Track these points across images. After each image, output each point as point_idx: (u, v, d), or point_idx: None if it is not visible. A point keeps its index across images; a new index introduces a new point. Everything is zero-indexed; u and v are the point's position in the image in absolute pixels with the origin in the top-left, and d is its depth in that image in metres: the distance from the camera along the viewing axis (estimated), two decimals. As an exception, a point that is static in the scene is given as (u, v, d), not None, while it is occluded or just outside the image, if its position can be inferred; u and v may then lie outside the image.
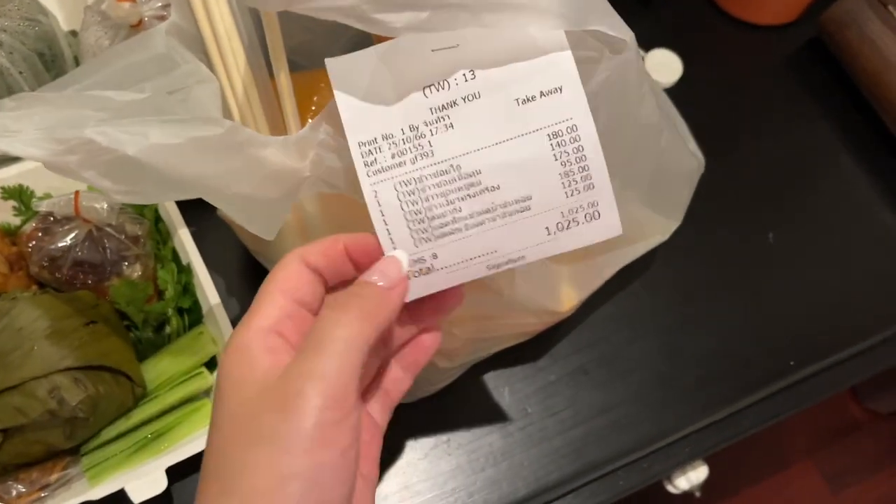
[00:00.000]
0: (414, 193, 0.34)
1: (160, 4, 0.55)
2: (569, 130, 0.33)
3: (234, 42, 0.52)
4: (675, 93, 0.74)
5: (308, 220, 0.50)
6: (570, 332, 0.64)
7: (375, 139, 0.33)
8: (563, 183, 0.34)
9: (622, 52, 0.34)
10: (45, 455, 0.51)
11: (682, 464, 0.62)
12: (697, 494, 0.71)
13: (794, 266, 0.69)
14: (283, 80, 0.48)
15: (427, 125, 0.33)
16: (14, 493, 0.49)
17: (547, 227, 0.34)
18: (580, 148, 0.33)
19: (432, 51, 0.32)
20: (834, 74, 0.78)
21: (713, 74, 0.77)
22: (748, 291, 0.67)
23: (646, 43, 0.76)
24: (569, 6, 0.32)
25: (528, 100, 0.33)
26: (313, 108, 0.57)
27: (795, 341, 0.65)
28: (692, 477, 0.69)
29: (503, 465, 0.59)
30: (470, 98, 0.33)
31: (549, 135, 0.33)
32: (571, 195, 0.34)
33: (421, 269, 0.35)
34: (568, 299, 0.54)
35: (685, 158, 0.52)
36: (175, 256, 0.58)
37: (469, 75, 0.33)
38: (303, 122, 0.52)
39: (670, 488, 0.71)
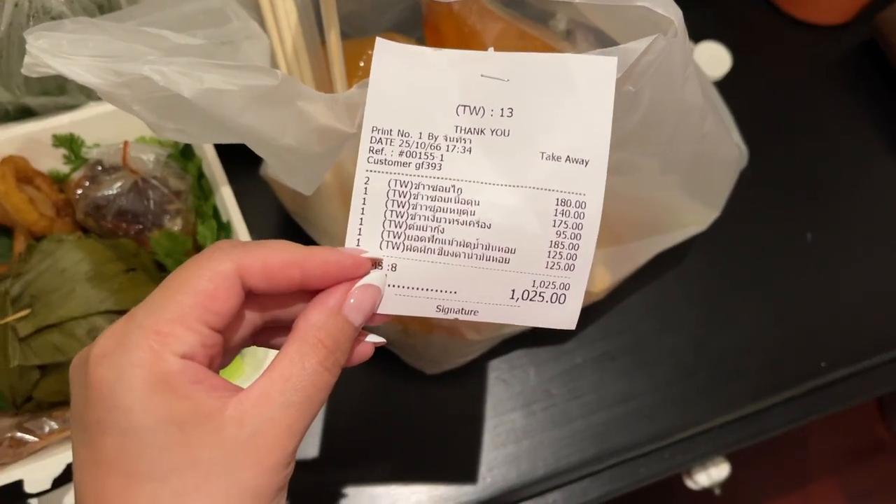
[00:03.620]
0: (405, 196, 0.33)
1: (218, -37, 0.56)
2: (577, 205, 0.32)
3: (288, 2, 0.53)
4: (723, 86, 0.73)
5: (347, 182, 0.51)
6: (599, 317, 0.64)
7: (391, 131, 0.33)
8: (549, 252, 0.33)
9: (668, 31, 0.34)
10: (79, 395, 0.52)
11: (704, 457, 0.62)
12: (717, 492, 0.71)
13: (831, 267, 0.68)
14: (334, 39, 0.48)
15: (447, 140, 0.33)
16: (47, 429, 0.51)
17: (513, 290, 0.33)
18: (579, 226, 0.32)
19: (482, 75, 0.32)
20: (886, 78, 0.77)
21: (762, 70, 0.76)
22: (782, 289, 0.67)
23: (695, 35, 0.76)
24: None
25: (553, 158, 0.32)
26: (359, 73, 0.57)
27: (828, 343, 0.65)
28: (713, 473, 0.69)
29: (524, 443, 0.59)
30: (499, 133, 0.32)
31: (557, 199, 0.32)
32: (551, 267, 0.33)
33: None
34: (601, 280, 0.54)
35: (728, 147, 0.51)
36: (216, 213, 0.59)
37: (507, 112, 0.32)
38: (349, 87, 0.53)
39: (690, 484, 0.71)
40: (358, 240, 0.33)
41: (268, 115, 0.36)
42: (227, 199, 0.58)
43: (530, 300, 0.33)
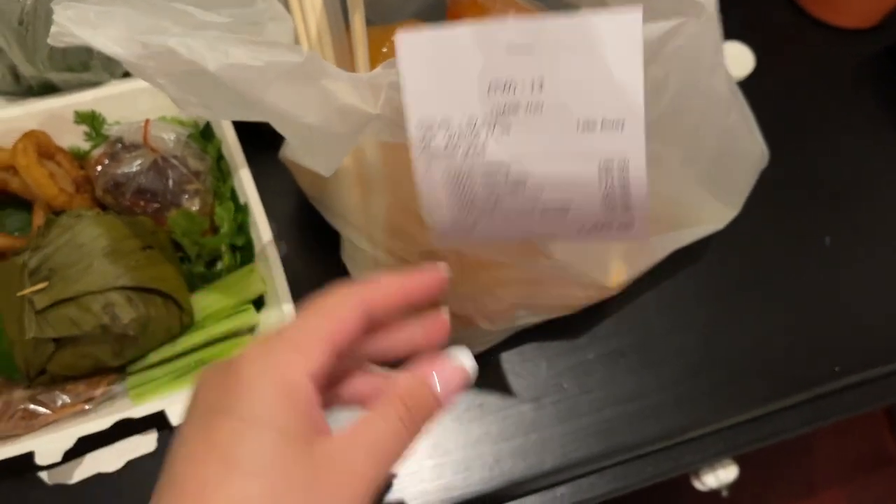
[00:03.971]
0: (460, 181, 0.35)
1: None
2: (619, 165, 0.33)
3: (314, -12, 0.53)
4: (745, 87, 0.72)
5: (367, 168, 0.51)
6: (612, 313, 0.64)
7: (433, 124, 0.34)
8: (603, 202, 0.34)
9: (700, 17, 0.33)
10: (92, 370, 0.52)
11: (713, 458, 0.62)
12: (725, 494, 0.71)
13: (849, 273, 0.67)
14: (358, 22, 0.48)
15: (486, 125, 0.33)
16: (59, 402, 0.51)
17: (582, 225, 0.36)
18: (626, 181, 0.33)
19: (507, 50, 0.32)
20: (911, 84, 0.76)
21: (785, 72, 0.76)
22: (797, 293, 0.66)
23: (719, 34, 0.75)
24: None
25: (589, 126, 0.33)
26: (381, 59, 0.57)
27: (842, 348, 0.64)
28: (721, 475, 0.68)
29: (532, 436, 0.59)
30: (533, 107, 0.33)
31: (599, 163, 0.33)
32: (609, 210, 0.34)
33: (463, 228, 0.37)
34: (617, 274, 0.53)
35: (750, 143, 0.51)
36: (233, 195, 0.59)
37: (537, 84, 0.32)
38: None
39: (697, 485, 0.70)
40: (430, 216, 0.36)
41: (291, 93, 0.36)
42: (245, 182, 0.58)
43: (598, 230, 0.36)
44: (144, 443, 0.54)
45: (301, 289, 0.57)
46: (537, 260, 0.49)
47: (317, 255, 0.62)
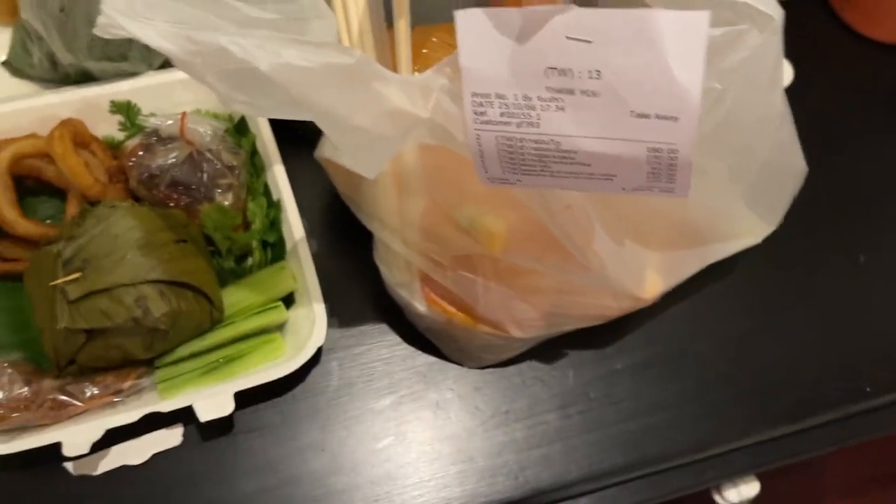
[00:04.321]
0: (512, 149, 0.36)
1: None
2: (669, 151, 0.34)
3: (358, -13, 0.52)
4: (783, 99, 0.72)
5: (405, 170, 0.50)
6: (641, 324, 0.63)
7: (489, 94, 0.35)
8: (647, 176, 0.36)
9: (765, 28, 0.33)
10: (120, 362, 0.52)
11: (738, 474, 0.61)
12: (745, 509, 0.70)
13: (883, 291, 0.66)
14: (402, 25, 0.48)
15: (540, 101, 0.34)
16: (88, 393, 0.51)
17: (624, 187, 0.37)
18: (673, 165, 0.35)
19: (567, 37, 0.32)
20: (952, 102, 0.75)
21: (823, 86, 0.75)
22: (830, 309, 0.65)
23: (758, 45, 0.74)
24: (722, -26, 0.31)
25: (643, 115, 0.33)
26: (421, 60, 0.57)
27: (874, 368, 0.63)
28: (743, 491, 0.67)
29: (558, 445, 0.58)
30: (588, 93, 0.33)
31: (648, 148, 0.34)
32: (653, 180, 0.36)
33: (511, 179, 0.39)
34: (652, 286, 0.53)
35: (795, 159, 0.50)
36: (266, 191, 0.59)
37: (594, 74, 0.33)
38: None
39: (718, 499, 0.70)
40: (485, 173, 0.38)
41: (341, 94, 0.36)
42: (278, 178, 0.58)
43: (639, 192, 0.37)
44: (170, 436, 0.54)
45: (331, 287, 0.57)
46: (573, 269, 0.48)
47: (347, 254, 0.61)
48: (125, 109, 0.59)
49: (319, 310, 0.54)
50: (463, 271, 0.50)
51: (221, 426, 0.54)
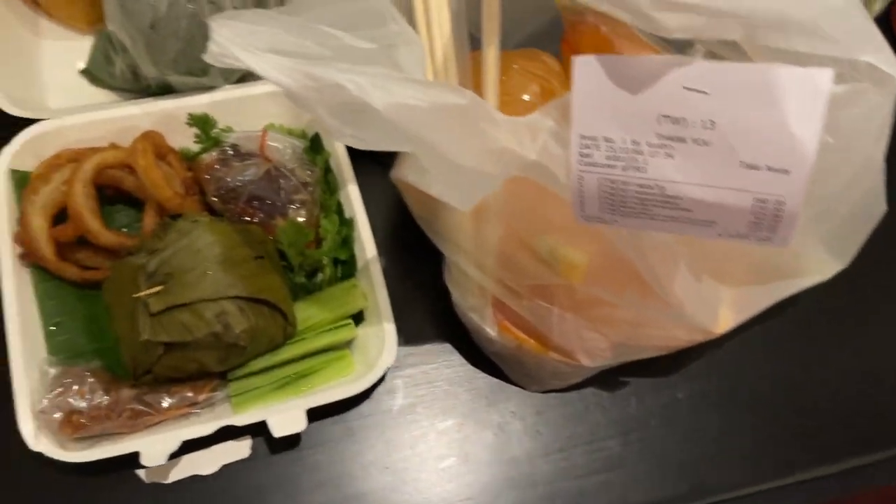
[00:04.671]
0: (615, 191, 0.37)
1: (374, -37, 0.56)
2: (776, 203, 0.34)
3: (443, 11, 0.52)
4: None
5: (484, 198, 0.50)
6: (702, 354, 0.63)
7: (596, 138, 0.35)
8: (749, 225, 0.36)
9: (884, 88, 0.33)
10: (195, 373, 0.53)
11: (794, 509, 0.61)
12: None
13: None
14: (492, 55, 0.48)
15: (649, 146, 0.35)
16: (165, 404, 0.52)
17: (721, 234, 0.37)
18: (778, 216, 0.35)
19: (684, 87, 0.33)
20: None
21: None
22: (890, 346, 0.65)
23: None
24: (844, 33, 0.31)
25: (752, 167, 0.33)
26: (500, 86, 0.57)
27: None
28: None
29: (618, 471, 0.59)
30: (700, 142, 0.34)
31: (755, 198, 0.34)
32: (754, 230, 0.36)
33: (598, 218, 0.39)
34: (725, 321, 0.53)
35: (879, 201, 0.50)
36: (339, 208, 0.60)
37: (708, 124, 0.33)
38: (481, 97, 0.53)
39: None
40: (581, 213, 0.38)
41: (450, 132, 0.36)
42: (352, 196, 0.59)
43: (736, 239, 0.37)
44: (239, 448, 0.55)
45: (397, 304, 0.57)
46: (651, 304, 0.49)
47: (414, 272, 0.62)
48: (201, 122, 0.60)
49: (390, 330, 0.55)
50: (539, 300, 0.50)
51: (289, 440, 0.55)
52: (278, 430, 0.52)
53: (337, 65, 0.36)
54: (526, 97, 0.56)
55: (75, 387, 0.51)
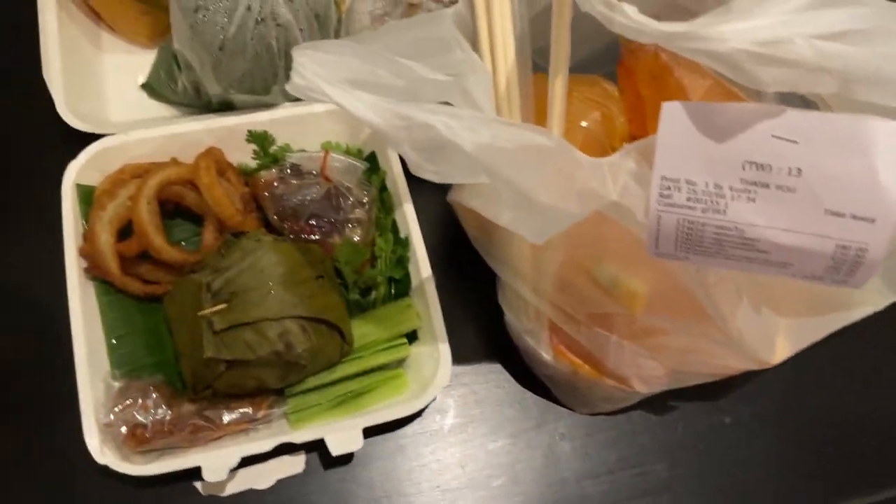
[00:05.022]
0: (692, 231, 0.37)
1: (439, -13, 0.57)
2: (858, 250, 0.34)
3: (507, 38, 0.53)
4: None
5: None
6: (751, 378, 0.63)
7: (678, 180, 0.36)
8: (826, 269, 0.36)
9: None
10: (254, 390, 0.54)
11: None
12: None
13: None
14: (559, 86, 0.48)
15: (731, 190, 0.35)
16: (225, 419, 0.53)
17: (795, 274, 0.37)
18: (858, 262, 0.35)
19: (772, 136, 0.33)
20: None
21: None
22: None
23: None
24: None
25: (837, 214, 0.34)
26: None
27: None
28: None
29: (665, 495, 0.59)
30: (784, 189, 0.34)
31: (837, 244, 0.34)
32: (831, 274, 0.36)
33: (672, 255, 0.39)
34: (781, 351, 0.53)
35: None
36: (394, 227, 0.60)
37: (795, 171, 0.33)
38: (539, 122, 0.53)
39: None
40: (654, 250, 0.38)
41: (533, 171, 0.37)
42: (408, 215, 0.59)
43: (811, 280, 0.37)
44: (294, 463, 0.56)
45: (452, 323, 0.58)
46: (710, 334, 0.49)
47: (469, 291, 0.62)
48: (261, 139, 0.61)
49: (444, 350, 0.56)
50: (598, 328, 0.51)
51: (342, 456, 0.56)
52: (336, 448, 0.52)
53: (424, 104, 0.36)
54: (584, 123, 0.56)
55: (140, 401, 0.52)
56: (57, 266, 0.56)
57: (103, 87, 0.66)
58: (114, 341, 0.56)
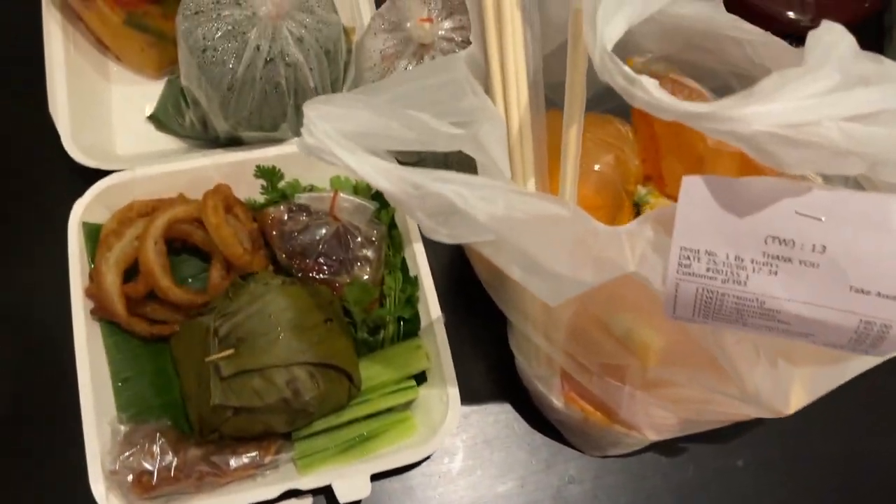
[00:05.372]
0: (711, 299, 0.36)
1: (450, 26, 0.56)
2: (883, 326, 0.34)
3: (521, 79, 0.52)
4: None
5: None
6: (763, 420, 0.62)
7: (698, 251, 0.35)
8: (849, 340, 0.35)
9: None
10: (261, 434, 0.53)
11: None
12: None
13: None
14: (573, 136, 0.47)
15: (753, 262, 0.34)
16: (232, 465, 0.52)
17: (815, 342, 0.37)
18: (882, 337, 0.34)
19: (796, 212, 0.32)
20: None
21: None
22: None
23: None
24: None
25: (862, 291, 0.33)
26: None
27: None
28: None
29: (675, 539, 0.59)
30: (808, 264, 0.33)
31: (862, 320, 0.33)
32: (853, 344, 0.35)
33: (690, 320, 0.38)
34: (796, 401, 0.52)
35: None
36: (404, 266, 0.60)
37: (819, 248, 0.33)
38: (552, 161, 0.53)
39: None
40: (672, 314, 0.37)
41: (548, 241, 0.36)
42: (418, 255, 0.58)
43: (831, 348, 0.37)
44: (301, 507, 0.55)
45: (463, 362, 0.57)
46: (726, 388, 0.48)
47: (479, 329, 0.62)
48: (269, 174, 0.60)
49: (453, 395, 0.55)
50: (610, 379, 0.50)
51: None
52: (343, 495, 0.52)
53: (437, 172, 0.36)
54: (597, 167, 0.55)
55: (146, 447, 0.51)
56: (62, 305, 0.55)
57: (110, 119, 0.66)
58: (120, 383, 0.55)
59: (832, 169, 0.30)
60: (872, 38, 0.79)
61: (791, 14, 0.74)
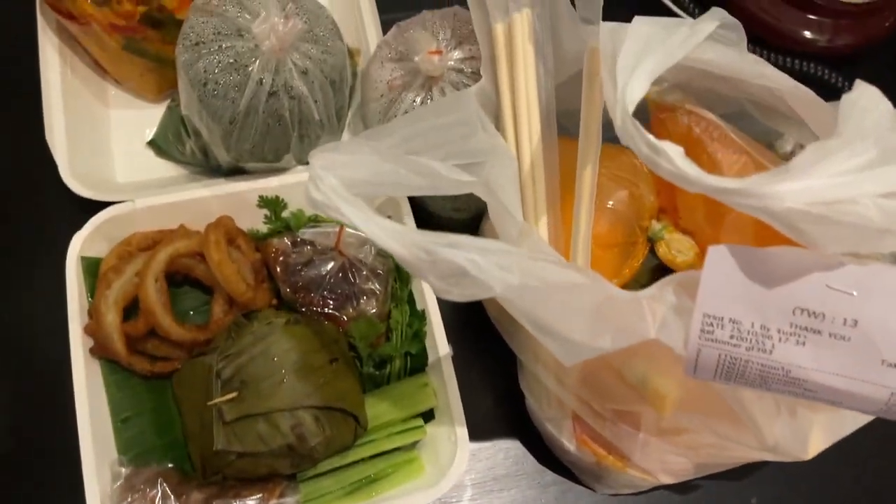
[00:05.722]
0: (734, 365, 0.35)
1: (459, 56, 0.54)
2: None
3: (533, 112, 0.51)
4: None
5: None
6: (778, 455, 0.61)
7: (722, 318, 0.34)
8: (879, 410, 0.34)
9: None
10: (265, 475, 0.52)
11: None
12: None
13: None
14: (588, 177, 0.46)
15: (780, 333, 0.33)
16: (236, 509, 0.51)
17: (840, 407, 0.35)
18: None
19: (827, 286, 0.31)
20: None
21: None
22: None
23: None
24: None
25: (894, 365, 0.32)
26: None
27: None
28: None
29: (687, 579, 0.57)
30: (838, 337, 0.32)
31: (893, 393, 0.33)
32: (882, 413, 0.35)
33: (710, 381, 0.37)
34: (815, 447, 0.51)
35: None
36: (410, 299, 0.58)
37: (850, 322, 0.32)
38: (564, 191, 0.51)
39: None
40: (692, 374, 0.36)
41: (565, 309, 0.34)
42: (425, 287, 0.57)
43: (860, 412, 0.35)
44: (306, 550, 0.54)
45: (471, 396, 0.55)
46: (743, 438, 0.47)
47: (488, 361, 0.61)
48: (272, 205, 0.58)
49: (462, 434, 0.53)
50: (623, 425, 0.49)
51: (356, 542, 0.54)
52: (351, 540, 0.51)
53: (450, 236, 0.34)
54: (611, 203, 0.54)
55: (147, 492, 0.50)
56: (61, 341, 0.54)
57: (109, 144, 0.64)
58: (120, 423, 0.54)
59: (867, 248, 0.29)
60: (891, 58, 0.77)
61: (807, 34, 0.72)
